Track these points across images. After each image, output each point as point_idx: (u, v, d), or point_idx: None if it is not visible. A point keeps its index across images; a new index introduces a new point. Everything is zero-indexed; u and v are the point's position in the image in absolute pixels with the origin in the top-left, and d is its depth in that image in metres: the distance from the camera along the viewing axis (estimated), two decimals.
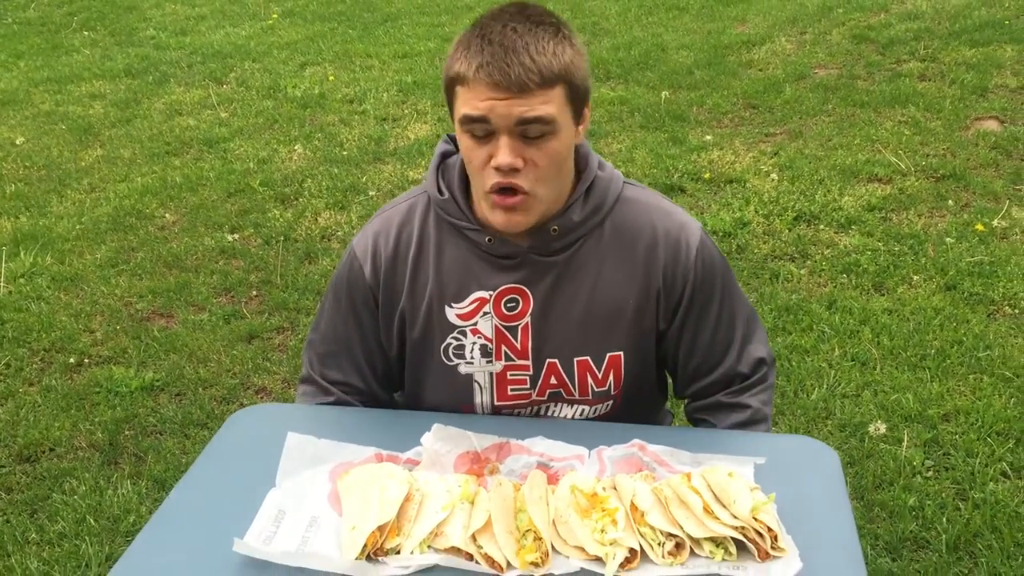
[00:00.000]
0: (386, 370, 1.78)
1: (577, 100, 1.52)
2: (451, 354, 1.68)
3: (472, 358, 1.67)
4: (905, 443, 2.88)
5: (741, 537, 1.33)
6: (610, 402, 1.72)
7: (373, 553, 1.35)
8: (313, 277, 4.09)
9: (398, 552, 1.36)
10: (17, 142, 5.90)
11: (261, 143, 5.64)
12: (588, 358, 1.66)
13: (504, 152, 1.46)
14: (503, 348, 1.66)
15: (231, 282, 4.10)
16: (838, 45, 6.44)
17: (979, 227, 4.05)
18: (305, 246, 4.37)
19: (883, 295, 3.69)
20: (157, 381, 3.46)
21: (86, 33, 8.29)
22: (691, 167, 4.83)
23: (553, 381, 1.68)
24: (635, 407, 1.76)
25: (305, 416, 1.77)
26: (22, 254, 4.40)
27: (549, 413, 1.73)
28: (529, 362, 1.67)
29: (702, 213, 4.37)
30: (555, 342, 1.65)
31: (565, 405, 1.71)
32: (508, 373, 1.67)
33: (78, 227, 4.69)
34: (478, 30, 1.48)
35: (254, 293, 4.03)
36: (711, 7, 7.61)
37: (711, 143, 5.11)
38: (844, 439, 2.93)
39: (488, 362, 1.67)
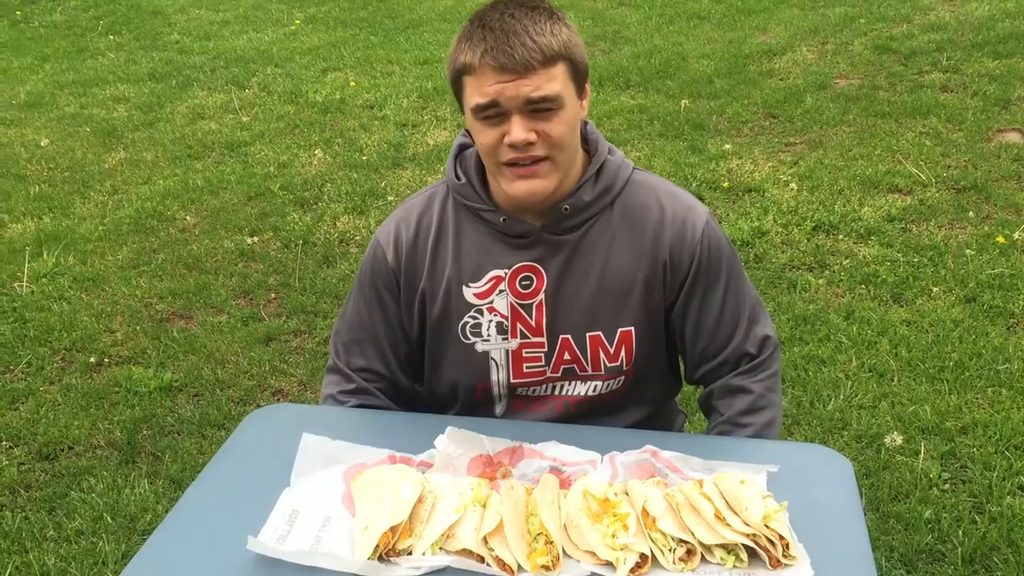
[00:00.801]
0: (408, 354, 1.83)
1: (578, 76, 1.60)
2: (468, 332, 1.73)
3: (488, 335, 1.72)
4: (922, 455, 2.86)
5: (752, 544, 1.33)
6: (622, 377, 1.75)
7: (385, 554, 1.36)
8: (331, 281, 4.11)
9: (410, 553, 1.37)
10: (42, 144, 5.96)
11: (282, 147, 5.68)
12: (600, 333, 1.71)
13: (517, 129, 1.54)
14: (518, 325, 1.71)
15: (250, 285, 4.13)
16: (860, 55, 6.42)
17: (1000, 239, 4.02)
18: (324, 250, 4.39)
19: (902, 306, 3.67)
20: (175, 381, 3.48)
21: (111, 37, 8.38)
22: (710, 176, 4.83)
23: (567, 357, 1.72)
24: (646, 385, 1.79)
25: (321, 417, 1.78)
26: (45, 254, 4.45)
27: (563, 392, 1.76)
28: (544, 339, 1.72)
29: (720, 222, 4.36)
30: (568, 318, 1.71)
31: (579, 382, 1.75)
32: (524, 351, 1.72)
33: (100, 228, 4.74)
34: (477, 21, 1.57)
35: (272, 296, 4.05)
36: (732, 16, 7.60)
37: (730, 152, 5.11)
38: (860, 450, 2.92)
39: (504, 339, 1.72)
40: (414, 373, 1.87)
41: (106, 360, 3.65)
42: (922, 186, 4.57)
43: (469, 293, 1.72)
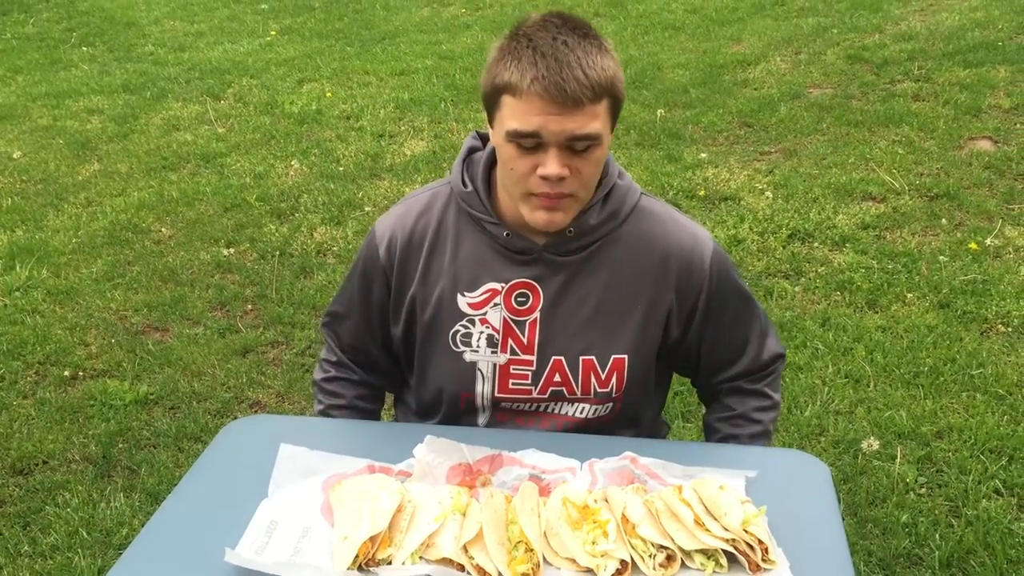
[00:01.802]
0: (387, 343, 1.85)
1: (617, 111, 1.56)
2: (459, 341, 1.72)
3: (478, 347, 1.71)
4: (898, 460, 2.88)
5: (732, 549, 1.34)
6: (611, 404, 1.75)
7: (365, 563, 1.35)
8: (308, 292, 4.10)
9: (389, 562, 1.36)
10: (14, 156, 5.91)
11: (258, 158, 5.66)
12: (593, 358, 1.70)
13: (553, 164, 1.50)
14: (509, 341, 1.70)
15: (226, 296, 4.11)
16: (833, 65, 6.48)
17: (972, 246, 4.07)
18: (301, 261, 4.37)
19: (877, 313, 3.70)
20: (151, 394, 3.46)
21: (85, 48, 8.32)
22: (686, 184, 4.85)
23: (557, 379, 1.71)
24: (635, 412, 1.80)
25: (299, 428, 1.77)
26: (18, 267, 4.41)
27: (550, 410, 1.76)
28: (533, 357, 1.70)
29: None
30: (561, 339, 1.69)
31: (566, 403, 1.74)
32: (511, 367, 1.71)
33: (74, 241, 4.70)
34: (526, 40, 1.49)
35: (249, 307, 4.03)
36: (707, 27, 7.66)
37: (706, 161, 5.14)
38: (837, 455, 2.94)
39: (493, 352, 1.71)
40: (395, 358, 1.88)
41: (81, 373, 3.62)
42: (895, 194, 4.62)
43: (463, 302, 1.71)
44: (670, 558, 1.36)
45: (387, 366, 1.89)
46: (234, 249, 4.54)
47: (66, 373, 3.60)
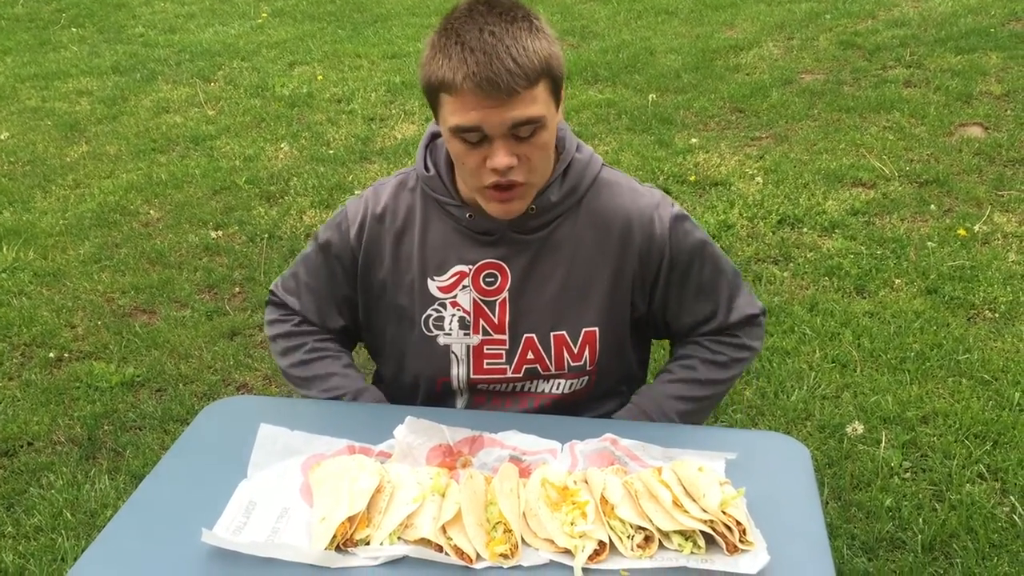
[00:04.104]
0: (342, 326, 1.85)
1: (557, 89, 1.56)
2: (431, 325, 1.73)
3: (450, 329, 1.72)
4: (883, 444, 2.89)
5: (710, 531, 1.34)
6: (586, 377, 1.75)
7: (343, 544, 1.35)
8: None
9: (368, 543, 1.36)
10: (2, 137, 5.88)
11: (248, 141, 5.63)
12: (564, 333, 1.71)
13: (500, 155, 1.51)
14: (481, 322, 1.71)
15: (214, 279, 4.10)
16: (825, 51, 6.47)
17: (961, 232, 4.07)
18: (290, 244, 4.36)
19: (865, 298, 3.70)
20: (138, 377, 3.45)
21: (74, 30, 8.26)
22: (677, 170, 4.85)
23: (530, 356, 1.72)
24: (611, 384, 1.81)
25: (279, 409, 1.77)
26: (4, 249, 4.39)
27: (525, 390, 1.76)
28: (505, 336, 1.71)
29: None
30: (532, 317, 1.70)
31: (542, 381, 1.75)
32: (484, 347, 1.72)
33: (62, 223, 4.68)
34: (454, 36, 1.48)
35: (237, 290, 4.02)
36: (699, 11, 7.63)
37: (697, 146, 5.13)
38: (823, 440, 2.94)
39: (466, 334, 1.72)
40: (345, 329, 1.87)
41: (66, 355, 3.61)
42: (885, 180, 4.61)
43: (433, 286, 1.72)
44: (648, 539, 1.36)
45: (340, 337, 1.88)
46: (223, 232, 4.53)
47: (52, 355, 3.59)
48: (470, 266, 1.70)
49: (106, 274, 4.18)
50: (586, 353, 1.72)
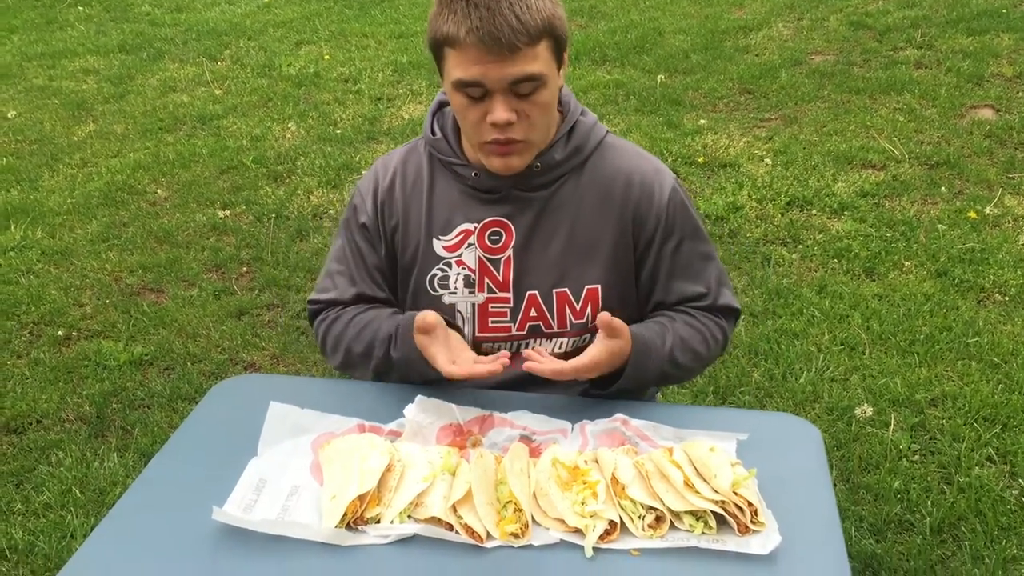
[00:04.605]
0: (387, 281, 1.84)
1: (560, 50, 1.60)
2: (436, 285, 1.76)
3: (456, 288, 1.74)
4: (892, 427, 2.88)
5: (721, 511, 1.34)
6: (588, 335, 1.75)
7: (353, 522, 1.35)
8: (304, 255, 4.08)
9: (378, 521, 1.36)
10: (9, 116, 5.87)
11: (255, 121, 5.62)
12: (567, 290, 1.73)
13: (500, 110, 1.55)
14: (486, 280, 1.74)
15: (222, 258, 4.09)
16: (835, 31, 6.42)
17: (971, 214, 4.05)
18: (297, 224, 4.35)
19: (874, 280, 3.69)
20: (146, 355, 3.45)
21: (81, 8, 8.23)
22: (685, 151, 4.82)
23: (533, 313, 1.74)
24: None
25: (289, 387, 1.76)
26: (12, 227, 4.39)
27: (530, 349, 1.76)
28: (510, 294, 1.73)
29: (695, 197, 4.36)
30: (535, 274, 1.73)
31: (544, 340, 1.77)
32: (489, 305, 1.74)
33: (69, 201, 4.68)
34: None
35: (244, 270, 4.01)
36: None
37: (706, 127, 5.10)
38: (831, 422, 2.94)
39: (471, 293, 1.74)
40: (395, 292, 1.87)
41: (75, 334, 3.61)
42: (895, 162, 4.59)
43: (439, 246, 1.74)
44: (659, 519, 1.35)
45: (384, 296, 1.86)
46: (230, 211, 4.52)
47: (60, 333, 3.59)
48: (475, 224, 1.73)
49: (114, 253, 4.18)
50: (588, 310, 1.74)
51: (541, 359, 1.59)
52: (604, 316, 1.58)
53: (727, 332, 1.82)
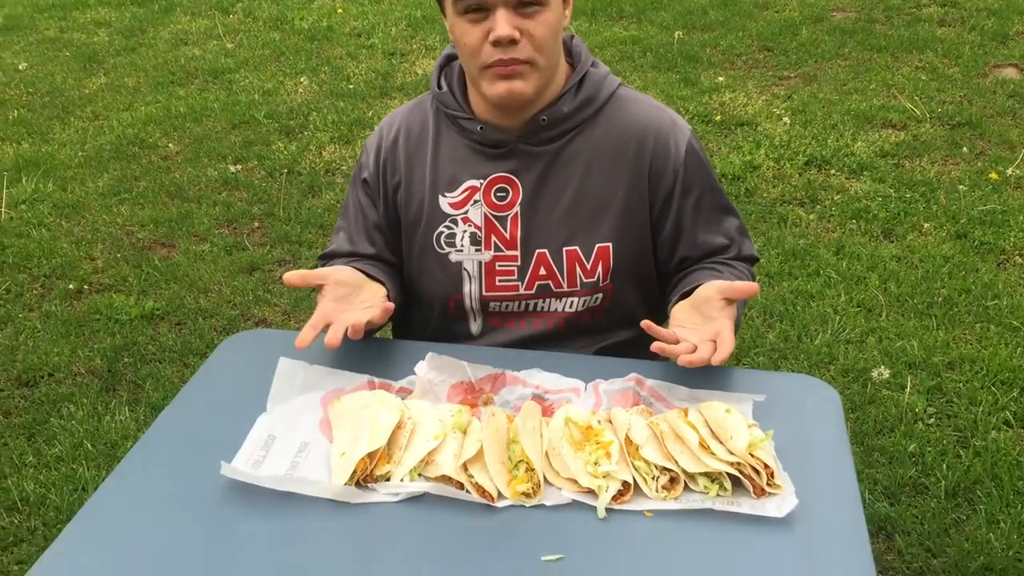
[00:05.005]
0: (386, 239, 1.81)
1: None
2: (443, 242, 1.73)
3: (462, 246, 1.71)
4: (908, 390, 2.85)
5: (737, 473, 1.31)
6: (600, 295, 1.72)
7: (362, 479, 1.33)
8: (316, 210, 4.05)
9: (388, 479, 1.34)
10: (20, 68, 5.83)
11: (267, 75, 5.57)
12: (577, 248, 1.69)
13: (502, 24, 1.52)
14: (492, 238, 1.70)
15: (233, 213, 4.07)
16: None
17: (993, 175, 3.98)
18: (309, 179, 4.32)
19: (892, 242, 3.64)
20: (157, 310, 3.44)
21: None
22: (702, 109, 4.75)
23: (542, 272, 1.70)
24: (627, 305, 1.75)
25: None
26: (24, 180, 4.38)
27: (539, 309, 1.74)
28: (517, 252, 1.70)
29: (712, 156, 4.31)
30: (544, 232, 1.69)
31: (554, 299, 1.73)
32: (496, 264, 1.71)
33: (80, 155, 4.65)
34: None
35: (256, 225, 3.99)
36: None
37: (723, 85, 5.02)
38: (847, 384, 2.91)
39: (477, 250, 1.71)
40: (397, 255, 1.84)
41: (86, 287, 3.61)
42: (916, 121, 4.51)
43: (445, 203, 1.71)
44: (673, 480, 1.33)
45: (393, 260, 1.84)
46: (242, 166, 4.49)
47: (72, 287, 3.59)
48: (481, 180, 1.69)
49: (125, 207, 4.16)
50: (599, 269, 1.70)
51: (689, 355, 1.42)
52: (728, 286, 1.50)
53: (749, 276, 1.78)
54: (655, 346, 1.46)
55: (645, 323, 1.49)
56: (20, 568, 2.39)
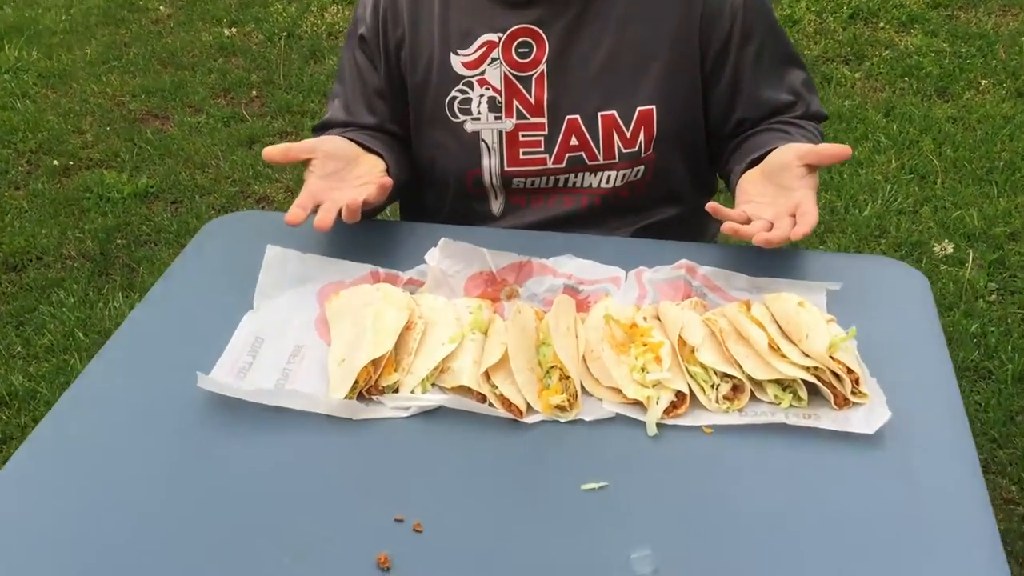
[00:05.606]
0: (389, 106, 1.59)
1: None
2: (456, 109, 1.51)
3: (479, 113, 1.50)
4: (969, 264, 2.64)
5: (814, 380, 1.10)
6: (641, 167, 1.50)
7: (366, 391, 1.14)
8: (318, 78, 3.84)
9: (396, 391, 1.14)
10: None
11: None
12: (615, 112, 1.47)
13: None
14: (514, 102, 1.49)
15: (230, 82, 3.88)
16: None
17: None
18: (310, 43, 4.13)
19: (947, 101, 3.46)
20: (151, 187, 3.27)
21: None
22: None
23: (574, 142, 1.48)
24: (672, 179, 1.55)
25: (290, 227, 1.51)
26: (6, 47, 4.20)
27: (570, 185, 1.52)
28: (544, 120, 1.48)
29: None
30: (575, 95, 1.47)
31: (588, 174, 1.51)
32: (520, 133, 1.49)
33: (66, 19, 4.46)
34: None
35: (255, 94, 3.81)
36: None
37: None
38: (899, 259, 2.66)
39: (497, 118, 1.50)
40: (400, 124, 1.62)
41: (75, 163, 3.43)
42: None
43: (457, 62, 1.49)
44: (736, 389, 1.12)
45: (399, 133, 1.62)
46: (238, 30, 4.30)
47: (60, 163, 3.40)
48: (500, 34, 1.46)
49: (115, 76, 3.96)
50: (641, 137, 1.47)
51: (767, 234, 1.21)
52: (810, 149, 1.30)
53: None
54: (726, 227, 1.24)
55: (711, 205, 1.27)
56: None
